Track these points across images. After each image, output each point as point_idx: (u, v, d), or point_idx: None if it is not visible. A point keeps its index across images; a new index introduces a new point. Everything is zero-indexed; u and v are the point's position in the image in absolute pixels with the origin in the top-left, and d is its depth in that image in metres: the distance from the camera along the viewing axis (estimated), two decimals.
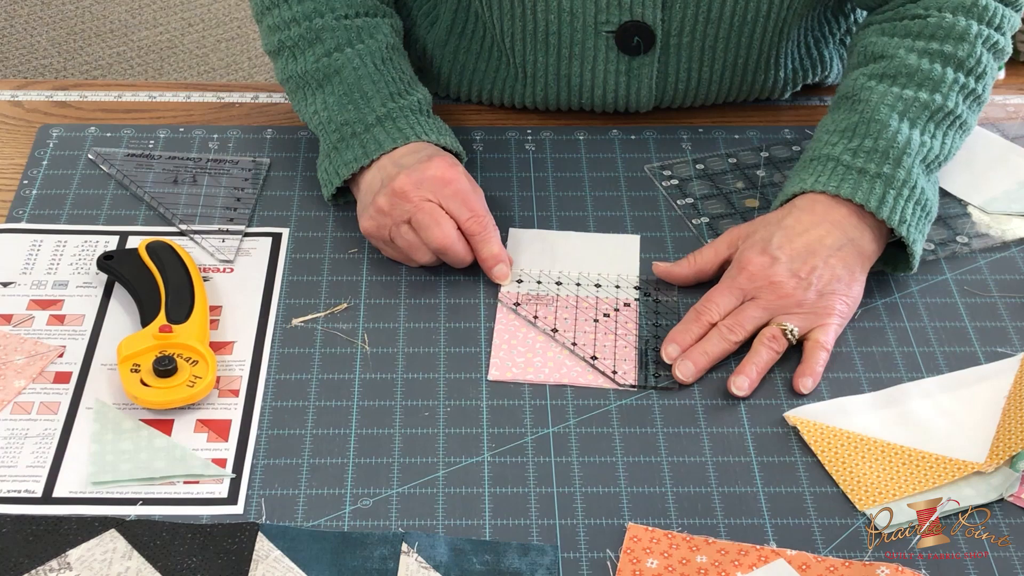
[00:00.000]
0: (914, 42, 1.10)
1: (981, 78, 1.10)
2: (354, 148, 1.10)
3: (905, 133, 1.06)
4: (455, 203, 1.05)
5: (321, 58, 1.13)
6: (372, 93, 1.11)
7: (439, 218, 1.04)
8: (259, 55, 3.05)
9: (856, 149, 1.06)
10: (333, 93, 1.12)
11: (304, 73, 1.14)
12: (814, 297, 1.01)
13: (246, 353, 1.00)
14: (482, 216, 1.06)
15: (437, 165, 1.06)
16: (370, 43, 1.14)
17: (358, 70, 1.12)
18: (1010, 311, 1.06)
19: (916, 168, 1.05)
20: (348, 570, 0.84)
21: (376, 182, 1.07)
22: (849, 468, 0.92)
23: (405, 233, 1.05)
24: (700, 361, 0.99)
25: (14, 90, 1.29)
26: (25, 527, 0.86)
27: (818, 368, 0.99)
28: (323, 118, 1.12)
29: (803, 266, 1.02)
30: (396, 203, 1.05)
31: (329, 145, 1.12)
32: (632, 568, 0.85)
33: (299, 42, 1.14)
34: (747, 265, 1.03)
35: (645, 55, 1.18)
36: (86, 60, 3.02)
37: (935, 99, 1.07)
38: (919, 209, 1.05)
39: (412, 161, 1.07)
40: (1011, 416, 0.95)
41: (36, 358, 0.99)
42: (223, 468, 0.91)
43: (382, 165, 1.08)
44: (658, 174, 1.19)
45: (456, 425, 0.95)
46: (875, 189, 1.04)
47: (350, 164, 1.09)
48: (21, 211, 1.13)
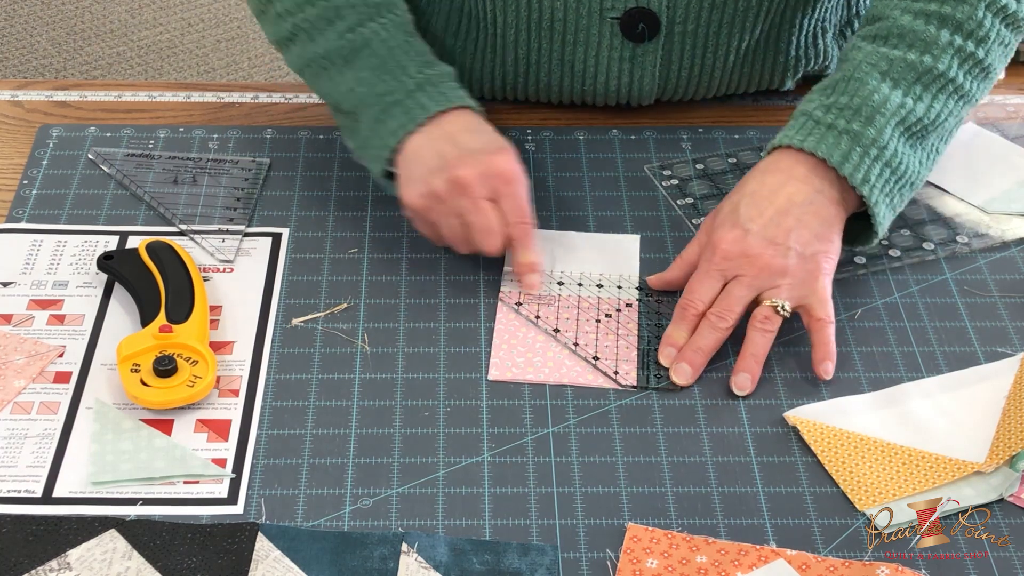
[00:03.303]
0: (911, 3, 1.06)
1: (983, 43, 1.05)
2: (398, 116, 1.06)
3: (884, 92, 1.03)
4: (511, 204, 1.02)
5: (344, 34, 1.09)
6: (406, 62, 1.08)
7: (493, 226, 1.02)
8: (259, 55, 3.05)
9: (830, 106, 1.03)
10: (366, 67, 1.08)
11: (328, 52, 1.10)
12: (796, 261, 0.99)
13: (246, 353, 1.00)
14: (528, 223, 1.03)
15: (506, 159, 1.03)
16: (392, 17, 1.11)
17: (387, 42, 1.09)
18: (1010, 311, 1.06)
19: (890, 129, 1.02)
20: (348, 570, 0.84)
21: (428, 153, 1.04)
22: (849, 468, 0.92)
23: (455, 225, 1.03)
24: (695, 359, 0.99)
25: (14, 90, 1.29)
26: (25, 527, 0.86)
27: (832, 347, 0.98)
28: (360, 93, 1.08)
29: (777, 231, 1.00)
30: (455, 194, 1.02)
31: (371, 118, 1.07)
32: (632, 568, 0.85)
33: (317, 22, 1.11)
34: (719, 244, 1.01)
35: (649, 42, 1.18)
36: (86, 60, 3.02)
37: (924, 60, 1.03)
38: (888, 172, 1.02)
39: (474, 144, 1.03)
40: (1011, 416, 0.95)
41: (36, 358, 0.99)
42: (223, 468, 0.91)
43: (432, 134, 1.04)
44: (658, 174, 1.19)
45: (456, 425, 0.95)
46: (840, 145, 1.01)
47: (396, 132, 1.05)
48: (21, 211, 1.13)
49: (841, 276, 1.08)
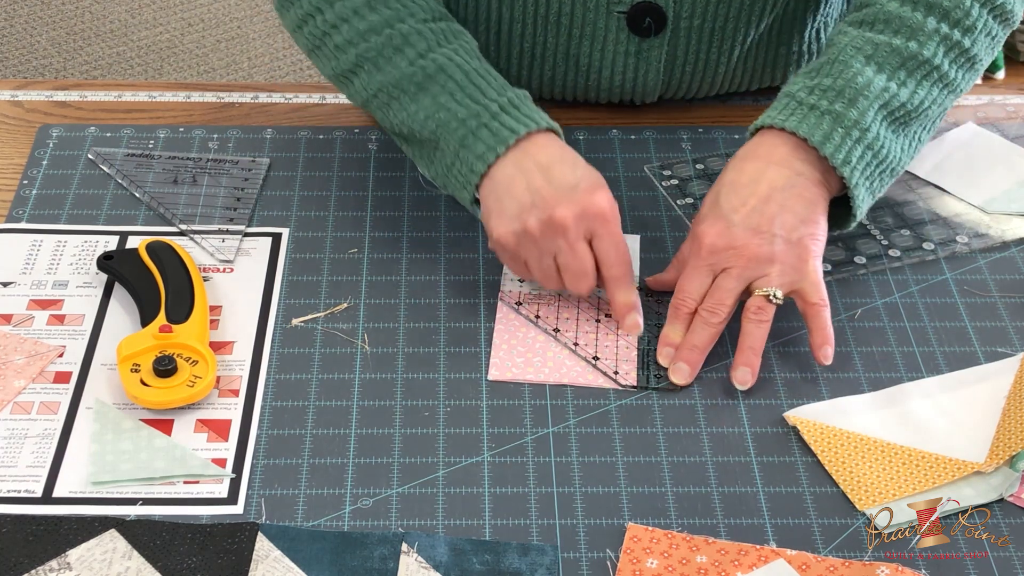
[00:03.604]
0: None
1: (970, 32, 1.05)
2: (485, 138, 1.02)
3: (868, 76, 1.02)
4: (608, 245, 0.99)
5: (416, 60, 1.06)
6: (485, 86, 1.05)
7: (588, 270, 0.99)
8: (259, 55, 3.05)
9: (813, 87, 1.03)
10: (444, 92, 1.05)
11: (399, 80, 1.06)
12: (783, 247, 0.99)
13: (246, 353, 1.00)
14: (627, 263, 1.00)
15: (603, 198, 0.99)
16: (462, 42, 1.09)
17: (462, 67, 1.06)
18: (1010, 311, 1.06)
19: (872, 112, 1.01)
20: (348, 570, 0.84)
21: (520, 187, 1.00)
22: (849, 468, 0.92)
23: (546, 266, 1.00)
24: (691, 357, 0.98)
25: (14, 90, 1.29)
26: (25, 527, 0.86)
27: (829, 331, 0.98)
28: (440, 119, 1.04)
29: (761, 219, 0.99)
30: (550, 234, 0.99)
31: (455, 143, 1.03)
32: (632, 568, 0.85)
33: (383, 50, 1.07)
34: (703, 238, 1.00)
35: (655, 37, 1.18)
36: (86, 60, 3.02)
37: (909, 46, 1.03)
38: (870, 155, 1.01)
39: (569, 179, 1.00)
40: (1011, 416, 0.95)
41: (36, 358, 0.99)
42: (223, 468, 0.91)
43: (522, 164, 1.01)
44: (658, 174, 1.19)
45: (456, 425, 0.95)
46: (822, 125, 1.00)
47: (484, 156, 1.02)
48: (21, 211, 1.13)
49: (841, 276, 1.08)
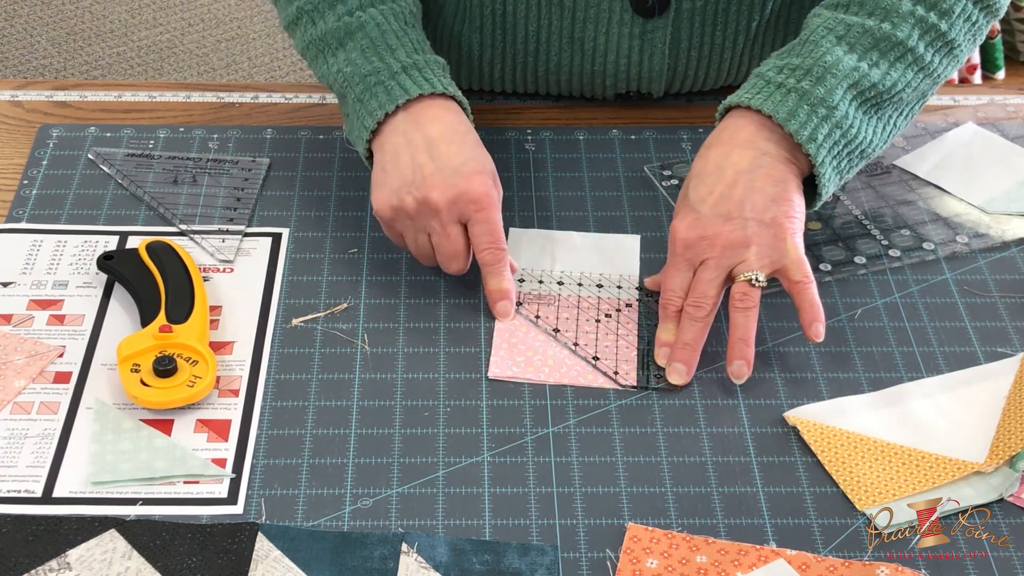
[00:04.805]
0: None
1: (947, 16, 1.03)
2: (379, 96, 1.06)
3: (837, 55, 1.02)
4: (481, 229, 1.02)
5: (343, 16, 1.10)
6: (397, 46, 1.08)
7: (459, 251, 1.02)
8: (259, 55, 3.06)
9: (783, 67, 1.03)
10: (356, 48, 1.09)
11: (324, 34, 1.11)
12: (757, 229, 0.98)
13: (246, 353, 1.00)
14: (500, 247, 1.02)
15: (479, 183, 1.01)
16: (393, 5, 1.12)
17: (382, 26, 1.09)
18: (1010, 311, 1.06)
19: (841, 90, 1.01)
20: (348, 570, 0.84)
21: (405, 160, 1.03)
22: (849, 468, 0.92)
23: (421, 242, 1.03)
24: (685, 356, 0.98)
25: (14, 90, 1.29)
26: (25, 527, 0.86)
27: (818, 307, 0.97)
28: (347, 73, 1.08)
29: (730, 205, 0.99)
30: (423, 214, 1.02)
31: (354, 98, 1.08)
32: (632, 568, 0.85)
33: (319, 5, 1.12)
34: (676, 233, 1.00)
35: (659, 17, 1.18)
36: (86, 60, 3.02)
37: (883, 27, 1.02)
38: (839, 133, 1.01)
39: (453, 159, 1.02)
40: (1011, 416, 0.95)
41: (36, 358, 0.99)
42: (223, 468, 0.91)
43: (410, 136, 1.04)
44: (658, 174, 1.19)
45: (456, 425, 0.95)
46: (787, 101, 1.00)
47: (375, 112, 1.05)
48: (21, 211, 1.13)
49: (841, 276, 1.08)
